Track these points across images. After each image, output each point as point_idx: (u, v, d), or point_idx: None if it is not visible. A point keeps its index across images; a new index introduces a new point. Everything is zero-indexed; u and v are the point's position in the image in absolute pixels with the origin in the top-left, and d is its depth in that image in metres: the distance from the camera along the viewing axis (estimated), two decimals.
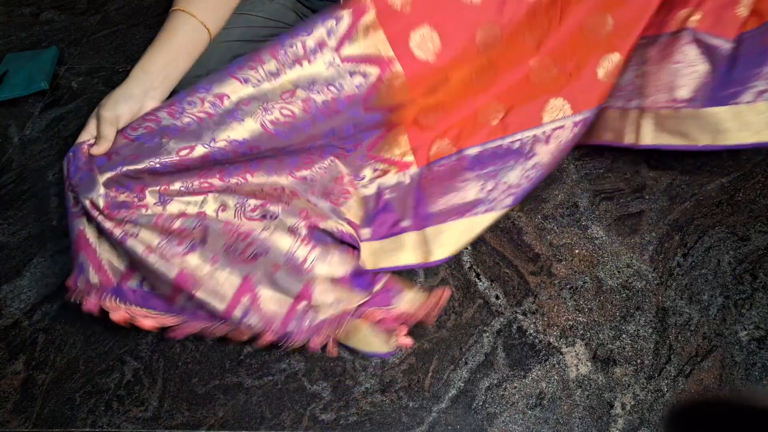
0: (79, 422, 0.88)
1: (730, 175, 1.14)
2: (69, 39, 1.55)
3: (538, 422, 0.86)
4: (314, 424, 0.86)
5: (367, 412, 0.87)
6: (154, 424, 0.87)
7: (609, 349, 0.92)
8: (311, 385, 0.90)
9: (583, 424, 0.85)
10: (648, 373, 0.89)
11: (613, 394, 0.88)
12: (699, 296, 0.98)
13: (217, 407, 0.88)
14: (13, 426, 0.87)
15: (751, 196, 1.10)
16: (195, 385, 0.91)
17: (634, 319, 0.95)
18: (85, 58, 1.49)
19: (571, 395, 0.88)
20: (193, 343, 0.95)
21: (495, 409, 0.87)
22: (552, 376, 0.90)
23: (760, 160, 1.16)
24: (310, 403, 0.88)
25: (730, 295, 0.97)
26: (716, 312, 0.96)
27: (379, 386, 0.90)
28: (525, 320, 0.96)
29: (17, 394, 0.91)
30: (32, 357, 0.94)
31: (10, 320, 0.98)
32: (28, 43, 1.54)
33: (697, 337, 0.93)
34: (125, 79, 0.78)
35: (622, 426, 0.85)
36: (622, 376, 0.89)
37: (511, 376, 0.90)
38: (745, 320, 0.94)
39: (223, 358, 0.93)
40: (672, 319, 0.95)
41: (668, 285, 0.99)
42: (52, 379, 0.92)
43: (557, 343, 0.93)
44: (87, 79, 1.42)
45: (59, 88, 1.40)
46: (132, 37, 1.54)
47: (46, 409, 0.89)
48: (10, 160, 1.21)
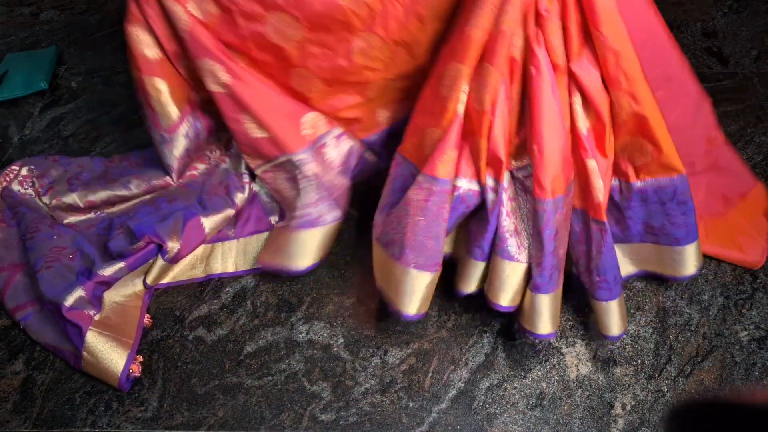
0: (79, 422, 0.87)
1: None
2: (69, 39, 1.55)
3: (539, 422, 0.86)
4: (314, 424, 0.86)
5: (367, 412, 0.87)
6: (154, 424, 0.87)
7: (609, 350, 0.92)
8: (311, 385, 0.90)
9: (583, 425, 0.85)
10: (648, 373, 0.89)
11: (614, 394, 0.88)
12: (699, 296, 0.98)
13: (217, 407, 0.88)
14: (13, 426, 0.87)
15: None
16: (195, 385, 0.91)
17: (634, 319, 0.95)
18: (84, 58, 1.49)
19: (571, 395, 0.88)
20: (193, 344, 0.95)
21: (495, 409, 0.87)
22: (552, 376, 0.90)
23: (761, 160, 1.16)
24: (310, 403, 0.88)
25: (730, 295, 0.97)
26: (716, 312, 0.96)
27: (379, 386, 0.90)
28: None
29: (17, 394, 0.91)
30: (32, 357, 0.94)
31: (10, 320, 0.98)
32: (28, 43, 1.54)
33: (697, 337, 0.93)
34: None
35: (623, 426, 0.85)
36: (622, 376, 0.89)
37: (511, 377, 0.90)
38: (745, 320, 0.94)
39: (223, 358, 0.93)
40: (672, 319, 0.95)
41: (668, 285, 0.99)
42: (52, 379, 0.92)
43: (557, 343, 0.93)
44: (87, 79, 1.42)
45: (59, 88, 1.40)
46: None
47: (46, 409, 0.89)
48: (10, 160, 1.21)
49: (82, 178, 1.12)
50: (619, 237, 0.92)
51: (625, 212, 0.89)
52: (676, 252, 0.90)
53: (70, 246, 1.00)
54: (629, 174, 0.85)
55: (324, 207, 0.96)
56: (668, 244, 0.90)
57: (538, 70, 0.74)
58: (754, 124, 1.23)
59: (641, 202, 0.87)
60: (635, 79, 0.76)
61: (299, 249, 0.94)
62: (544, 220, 0.79)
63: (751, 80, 1.33)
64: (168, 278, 1.00)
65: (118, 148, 1.25)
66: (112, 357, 0.88)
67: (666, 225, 0.87)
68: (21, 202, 1.08)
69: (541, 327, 0.84)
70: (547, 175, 0.77)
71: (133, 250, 0.96)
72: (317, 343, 0.94)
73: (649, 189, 0.85)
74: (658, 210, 0.87)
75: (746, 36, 1.44)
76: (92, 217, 1.08)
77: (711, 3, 1.54)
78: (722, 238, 1.01)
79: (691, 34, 1.46)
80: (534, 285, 0.83)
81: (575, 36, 0.75)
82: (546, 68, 0.74)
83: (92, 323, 0.90)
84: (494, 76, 0.76)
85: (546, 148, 0.76)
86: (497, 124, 0.78)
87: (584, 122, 0.79)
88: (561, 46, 0.75)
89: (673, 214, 0.86)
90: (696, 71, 1.36)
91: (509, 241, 0.83)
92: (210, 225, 1.01)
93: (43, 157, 1.16)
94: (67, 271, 0.95)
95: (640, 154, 0.83)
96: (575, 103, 0.79)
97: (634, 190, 0.86)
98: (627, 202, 0.87)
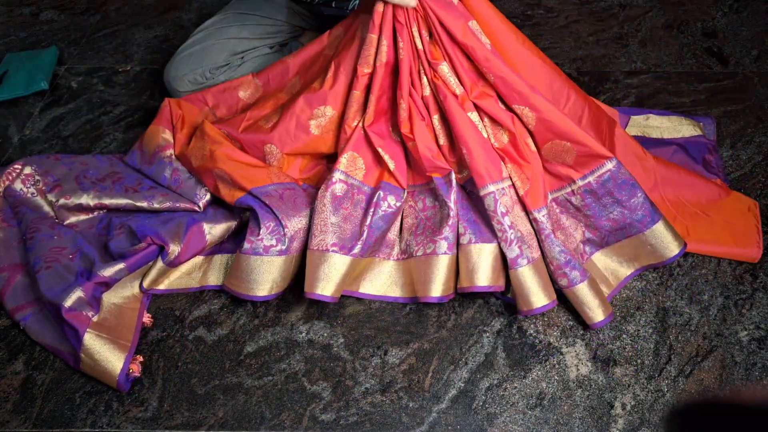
0: (79, 422, 0.88)
1: (730, 175, 1.14)
2: (69, 39, 1.55)
3: (539, 422, 0.86)
4: (314, 424, 0.86)
5: (367, 412, 0.87)
6: (154, 424, 0.87)
7: (609, 349, 0.92)
8: (311, 385, 0.90)
9: (583, 425, 0.85)
10: (648, 373, 0.89)
11: (614, 394, 0.88)
12: (699, 296, 0.98)
13: (217, 407, 0.88)
14: (13, 426, 0.87)
15: (752, 195, 1.10)
16: (195, 385, 0.91)
17: (634, 319, 0.95)
18: (84, 58, 1.49)
19: (571, 395, 0.88)
20: (193, 343, 0.95)
21: (495, 409, 0.87)
22: (552, 376, 0.90)
23: (761, 160, 1.16)
24: (310, 403, 0.88)
25: (730, 295, 0.97)
26: (716, 312, 0.96)
27: (379, 386, 0.90)
28: (525, 320, 0.96)
29: (17, 394, 0.91)
30: (32, 357, 0.94)
31: (10, 320, 0.98)
32: (28, 43, 1.54)
33: (697, 337, 0.93)
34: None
35: (623, 426, 0.85)
36: (622, 376, 0.89)
37: (511, 376, 0.90)
38: (745, 320, 0.94)
39: (223, 358, 0.93)
40: (672, 319, 0.95)
41: (668, 285, 0.99)
42: (52, 379, 0.92)
43: (557, 343, 0.93)
44: (87, 79, 1.42)
45: (59, 88, 1.40)
46: (132, 37, 1.54)
47: (46, 409, 0.89)
48: (10, 160, 1.21)
49: (90, 175, 1.11)
50: (598, 242, 0.99)
51: (587, 213, 0.96)
52: (648, 237, 0.95)
53: (70, 246, 1.00)
54: (571, 175, 0.96)
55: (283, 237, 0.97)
56: (638, 232, 0.96)
57: (446, 98, 0.93)
58: (754, 124, 1.23)
59: (594, 199, 0.96)
60: (526, 93, 0.92)
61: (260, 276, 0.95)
62: (493, 201, 0.91)
63: (751, 80, 1.33)
64: (163, 285, 1.00)
65: (118, 148, 1.25)
66: (109, 359, 0.88)
67: (625, 213, 0.95)
68: (22, 202, 1.08)
69: (534, 301, 0.90)
70: (479, 164, 0.92)
71: (134, 251, 0.96)
72: (317, 343, 0.94)
73: (593, 183, 0.95)
74: (610, 201, 0.95)
75: (746, 36, 1.44)
76: (93, 217, 1.07)
77: (711, 3, 1.55)
78: (713, 236, 1.02)
79: (691, 34, 1.46)
80: (510, 263, 0.92)
81: (466, 75, 0.94)
82: (451, 96, 0.93)
83: (90, 325, 0.90)
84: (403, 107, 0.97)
85: (470, 145, 0.92)
86: (419, 144, 0.96)
87: (502, 136, 0.95)
88: (458, 85, 0.94)
89: (623, 199, 0.94)
90: (696, 71, 1.37)
91: (470, 228, 0.95)
92: (211, 233, 1.00)
93: (44, 156, 1.16)
94: (66, 272, 0.95)
95: (566, 153, 0.95)
96: (487, 125, 0.95)
97: (582, 188, 0.96)
98: (583, 202, 0.97)
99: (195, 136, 1.09)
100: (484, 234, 0.94)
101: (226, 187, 1.01)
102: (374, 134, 0.99)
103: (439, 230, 0.95)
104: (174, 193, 1.07)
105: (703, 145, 1.16)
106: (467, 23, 0.91)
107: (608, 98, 1.31)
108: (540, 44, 1.46)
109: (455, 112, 0.93)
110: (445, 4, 0.90)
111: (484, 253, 0.93)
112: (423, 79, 0.95)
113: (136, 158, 1.14)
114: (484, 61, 0.92)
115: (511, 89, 0.93)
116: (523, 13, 1.55)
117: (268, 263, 0.93)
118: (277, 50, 1.28)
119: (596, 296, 0.91)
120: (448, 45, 0.92)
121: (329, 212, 0.96)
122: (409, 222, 1.01)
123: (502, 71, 0.92)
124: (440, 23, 0.90)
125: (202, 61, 1.21)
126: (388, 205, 0.99)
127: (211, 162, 1.03)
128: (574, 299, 0.92)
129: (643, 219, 0.95)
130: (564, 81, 1.01)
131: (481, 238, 0.94)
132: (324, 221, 0.95)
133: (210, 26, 1.26)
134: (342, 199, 0.97)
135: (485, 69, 0.93)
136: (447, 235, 0.94)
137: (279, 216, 0.95)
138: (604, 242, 0.99)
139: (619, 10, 1.54)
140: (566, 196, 0.98)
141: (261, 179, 1.01)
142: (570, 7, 1.56)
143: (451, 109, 0.93)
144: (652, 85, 1.33)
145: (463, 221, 0.96)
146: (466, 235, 0.94)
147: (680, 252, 0.95)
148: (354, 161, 1.00)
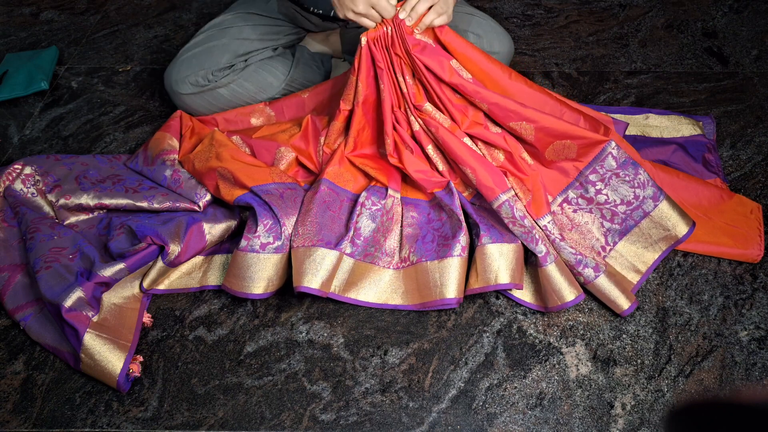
0: (79, 422, 0.88)
1: (730, 175, 1.14)
2: (69, 39, 1.55)
3: (538, 422, 0.86)
4: (314, 424, 0.86)
5: (367, 412, 0.87)
6: (154, 424, 0.87)
7: (609, 349, 0.92)
8: (311, 385, 0.90)
9: (583, 425, 0.85)
10: (648, 373, 0.89)
11: (614, 394, 0.88)
12: (699, 296, 0.98)
13: (217, 407, 0.88)
14: (13, 426, 0.87)
15: (751, 196, 1.10)
16: (195, 385, 0.91)
17: (634, 319, 0.95)
18: (84, 58, 1.49)
19: (571, 395, 0.88)
20: (193, 343, 0.95)
21: (495, 409, 0.87)
22: (552, 376, 0.90)
23: (761, 160, 1.16)
24: (310, 403, 0.88)
25: (730, 295, 0.97)
26: (716, 312, 0.96)
27: (379, 386, 0.90)
28: (525, 320, 0.96)
29: (17, 394, 0.91)
30: (32, 357, 0.94)
31: (10, 320, 0.98)
32: (28, 43, 1.54)
33: (697, 337, 0.93)
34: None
35: (623, 426, 0.85)
36: (622, 376, 0.89)
37: (511, 376, 0.90)
38: (745, 320, 0.94)
39: (223, 358, 0.93)
40: (672, 319, 0.95)
41: (668, 285, 0.99)
42: (52, 379, 0.92)
43: (557, 343, 0.93)
44: (87, 79, 1.42)
45: (59, 88, 1.40)
46: (132, 37, 1.54)
47: (46, 409, 0.89)
48: (10, 160, 1.21)
49: (90, 176, 1.12)
50: (620, 228, 1.01)
51: (600, 201, 1.01)
52: (659, 216, 0.98)
53: (70, 246, 1.00)
54: (576, 165, 1.01)
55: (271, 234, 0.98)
56: (650, 211, 0.98)
57: (437, 129, 0.98)
58: (754, 124, 1.23)
59: (603, 183, 1.00)
60: (520, 110, 0.97)
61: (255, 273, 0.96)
62: (509, 207, 0.94)
63: (751, 80, 1.33)
64: (164, 285, 1.00)
65: (118, 148, 1.25)
66: (109, 359, 0.88)
67: (636, 191, 0.98)
68: (22, 202, 1.08)
69: (566, 295, 0.93)
70: (486, 178, 0.96)
71: (134, 251, 0.96)
72: (317, 343, 0.94)
73: (598, 168, 0.99)
74: (618, 183, 0.99)
75: (746, 36, 1.44)
76: (93, 217, 1.07)
77: (711, 3, 1.55)
78: (714, 237, 1.02)
79: (691, 34, 1.46)
80: (540, 261, 0.93)
81: (455, 109, 0.99)
82: (441, 128, 0.99)
83: (90, 325, 0.90)
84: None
85: (472, 164, 0.97)
86: (410, 170, 1.02)
87: (498, 155, 1.01)
88: (445, 119, 1.00)
89: (629, 179, 0.98)
90: (696, 71, 1.37)
91: (489, 232, 0.96)
92: (211, 232, 1.00)
93: (45, 156, 1.16)
94: (65, 272, 0.95)
95: (568, 149, 1.00)
96: (481, 148, 1.01)
97: (589, 175, 1.00)
98: (595, 189, 1.00)
99: (202, 142, 1.11)
100: (504, 236, 0.96)
101: (226, 186, 1.02)
102: (357, 157, 1.07)
103: (454, 236, 0.96)
104: (174, 193, 1.07)
105: (702, 144, 1.16)
106: (449, 63, 0.97)
107: (608, 98, 1.31)
108: (540, 44, 1.46)
109: (448, 139, 0.98)
110: (428, 51, 0.95)
111: (505, 251, 0.94)
112: (410, 116, 1.01)
113: (138, 161, 1.15)
114: (475, 94, 0.97)
115: (507, 110, 0.98)
116: (523, 13, 1.55)
117: (264, 261, 0.93)
118: (280, 52, 1.25)
119: (616, 287, 0.93)
120: (435, 86, 0.97)
121: (315, 214, 0.98)
122: (409, 231, 1.02)
123: (494, 98, 0.97)
124: (426, 67, 0.95)
125: (204, 63, 1.19)
126: (372, 203, 1.02)
127: (216, 161, 1.05)
128: (596, 293, 0.95)
129: (654, 194, 0.97)
130: (555, 100, 1.04)
131: (501, 239, 0.95)
132: (311, 222, 0.96)
133: (212, 27, 1.23)
134: (330, 204, 1.01)
135: (478, 100, 0.98)
136: (460, 239, 0.95)
137: (278, 214, 0.95)
138: (625, 227, 1.00)
139: (619, 10, 1.54)
140: (577, 191, 1.01)
141: (263, 178, 1.02)
142: (570, 7, 1.56)
143: (444, 137, 0.98)
144: (652, 85, 1.33)
145: (482, 226, 0.97)
146: (487, 236, 0.95)
147: (691, 229, 0.97)
148: (340, 174, 1.06)
